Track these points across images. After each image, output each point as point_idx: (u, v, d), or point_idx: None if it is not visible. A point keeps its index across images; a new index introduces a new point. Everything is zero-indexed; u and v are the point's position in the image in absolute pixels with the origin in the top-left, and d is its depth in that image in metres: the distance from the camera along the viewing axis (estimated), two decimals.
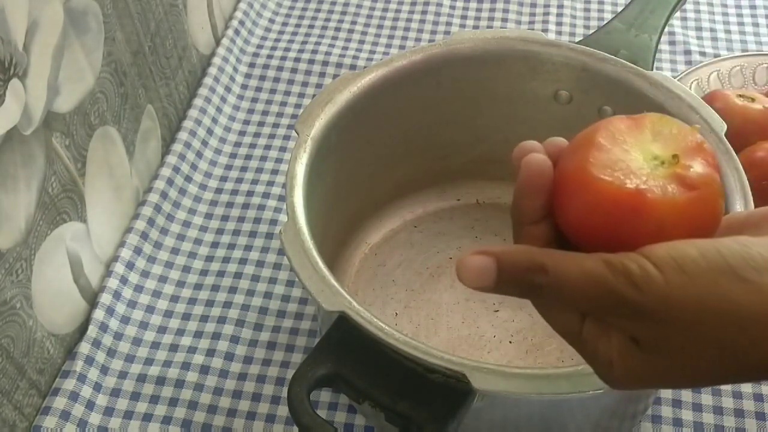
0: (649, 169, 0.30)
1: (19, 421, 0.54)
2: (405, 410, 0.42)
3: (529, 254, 0.30)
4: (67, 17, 0.54)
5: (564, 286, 0.29)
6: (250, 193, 0.71)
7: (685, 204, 0.29)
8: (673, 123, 0.31)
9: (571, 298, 0.29)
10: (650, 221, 0.29)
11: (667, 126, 0.31)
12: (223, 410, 0.57)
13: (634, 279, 0.27)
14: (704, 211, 0.30)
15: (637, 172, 0.29)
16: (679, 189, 0.29)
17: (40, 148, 0.52)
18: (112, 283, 0.62)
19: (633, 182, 0.29)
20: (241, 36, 0.82)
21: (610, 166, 0.30)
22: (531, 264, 0.30)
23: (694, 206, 0.29)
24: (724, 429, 0.56)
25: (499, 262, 0.30)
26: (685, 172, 0.30)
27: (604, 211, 0.29)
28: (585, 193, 0.30)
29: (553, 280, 0.29)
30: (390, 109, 0.59)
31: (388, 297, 0.63)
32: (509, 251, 0.30)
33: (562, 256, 0.29)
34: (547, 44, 0.59)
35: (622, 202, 0.29)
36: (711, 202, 0.30)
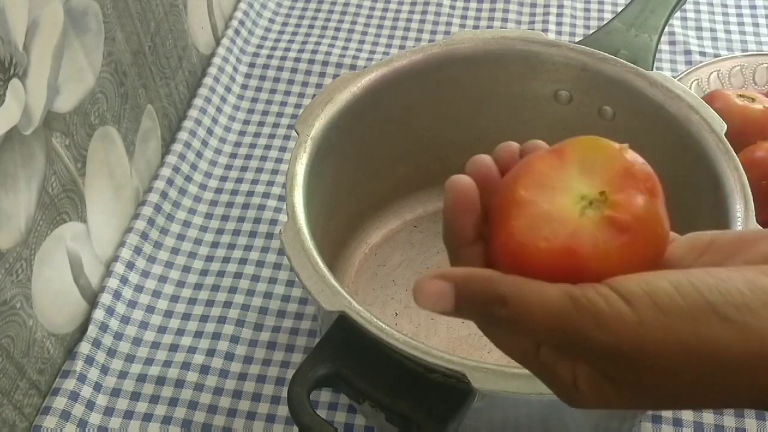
0: (577, 216, 0.28)
1: (19, 421, 0.54)
2: (405, 410, 0.42)
3: (490, 283, 0.28)
4: (67, 17, 0.54)
5: (524, 321, 0.27)
6: (250, 193, 0.71)
7: (619, 250, 0.27)
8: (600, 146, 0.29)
9: (532, 333, 0.28)
10: (589, 277, 0.27)
11: (593, 152, 0.29)
12: (223, 410, 0.57)
13: (602, 318, 0.25)
14: (642, 250, 0.28)
15: (565, 223, 0.28)
16: (610, 235, 0.27)
17: (40, 148, 0.52)
18: (112, 283, 0.62)
19: (560, 240, 0.27)
20: (241, 36, 0.82)
21: (534, 225, 0.28)
22: (491, 295, 0.28)
23: (630, 249, 0.28)
24: (724, 429, 0.56)
25: (457, 289, 0.28)
26: (614, 212, 0.28)
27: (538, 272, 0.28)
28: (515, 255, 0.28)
29: (512, 314, 0.27)
30: (390, 109, 0.59)
31: (388, 297, 0.63)
32: (469, 277, 0.29)
33: (523, 287, 0.27)
34: (547, 44, 0.59)
35: (554, 264, 0.28)
36: (647, 239, 0.28)
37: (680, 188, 0.55)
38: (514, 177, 0.30)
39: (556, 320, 0.26)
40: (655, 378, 0.26)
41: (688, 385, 0.26)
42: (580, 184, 0.28)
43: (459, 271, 0.29)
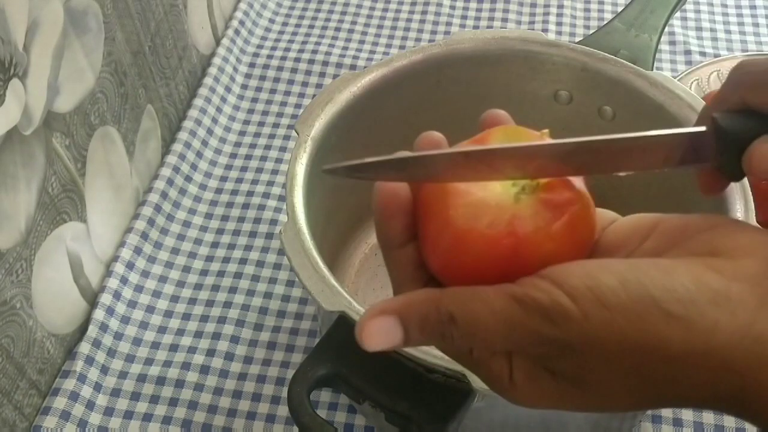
0: (512, 201, 0.28)
1: (19, 421, 0.54)
2: (405, 410, 0.42)
3: (432, 303, 0.27)
4: (67, 17, 0.54)
5: (476, 333, 0.27)
6: (250, 193, 0.71)
7: (559, 232, 0.27)
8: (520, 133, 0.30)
9: (485, 344, 0.27)
10: (530, 260, 0.27)
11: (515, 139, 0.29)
12: (223, 410, 0.57)
13: (548, 314, 0.25)
14: (580, 229, 0.28)
15: (502, 209, 0.28)
16: (549, 216, 0.28)
17: (40, 148, 0.52)
18: (112, 283, 0.62)
19: (501, 224, 0.27)
20: (241, 36, 0.82)
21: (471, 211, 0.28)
22: (437, 315, 0.27)
23: (569, 230, 0.28)
24: (724, 429, 0.56)
25: (402, 320, 0.28)
26: (549, 195, 0.28)
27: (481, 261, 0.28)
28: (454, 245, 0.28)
29: (463, 330, 0.27)
30: (390, 109, 0.59)
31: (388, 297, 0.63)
32: (410, 303, 0.28)
33: (467, 298, 0.27)
34: (547, 44, 0.59)
35: (495, 252, 0.27)
36: (583, 217, 0.28)
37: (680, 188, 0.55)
38: None
39: (506, 324, 0.26)
40: (600, 373, 0.26)
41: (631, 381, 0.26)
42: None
43: (396, 301, 0.28)
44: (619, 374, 0.26)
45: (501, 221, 0.28)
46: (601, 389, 0.26)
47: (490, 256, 0.28)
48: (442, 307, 0.27)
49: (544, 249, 0.27)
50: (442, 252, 0.29)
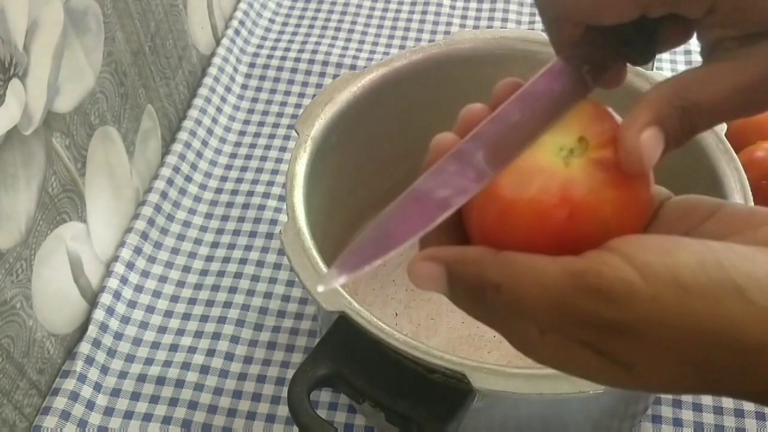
0: (563, 166, 0.26)
1: (19, 421, 0.54)
2: (405, 410, 0.42)
3: (481, 267, 0.26)
4: (67, 17, 0.54)
5: (521, 307, 0.25)
6: (250, 193, 0.71)
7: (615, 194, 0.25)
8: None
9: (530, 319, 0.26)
10: (589, 225, 0.25)
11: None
12: (223, 410, 0.57)
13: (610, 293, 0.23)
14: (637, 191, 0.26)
15: (552, 174, 0.26)
16: (603, 177, 0.25)
17: (40, 148, 0.52)
18: (112, 283, 0.62)
19: (554, 189, 0.25)
20: (241, 36, 0.82)
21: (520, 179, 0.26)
22: (482, 280, 0.26)
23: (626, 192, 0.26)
24: (724, 429, 0.56)
25: (449, 273, 0.26)
26: (601, 154, 0.26)
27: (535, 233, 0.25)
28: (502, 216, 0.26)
29: (507, 300, 0.25)
30: (390, 109, 0.59)
31: (388, 297, 0.63)
32: (462, 259, 0.26)
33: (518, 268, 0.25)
34: (547, 44, 0.58)
35: (552, 217, 0.25)
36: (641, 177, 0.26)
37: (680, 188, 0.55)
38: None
39: (557, 307, 0.24)
40: (656, 357, 0.24)
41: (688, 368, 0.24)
42: (554, 136, 0.27)
43: (448, 252, 0.27)
44: (678, 360, 0.24)
45: (552, 186, 0.25)
46: (652, 373, 0.25)
47: (543, 226, 0.25)
48: (489, 272, 0.25)
49: (603, 213, 0.25)
50: (489, 225, 0.27)
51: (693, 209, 0.28)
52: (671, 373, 0.25)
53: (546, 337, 0.26)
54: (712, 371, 0.24)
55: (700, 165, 0.52)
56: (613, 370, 0.25)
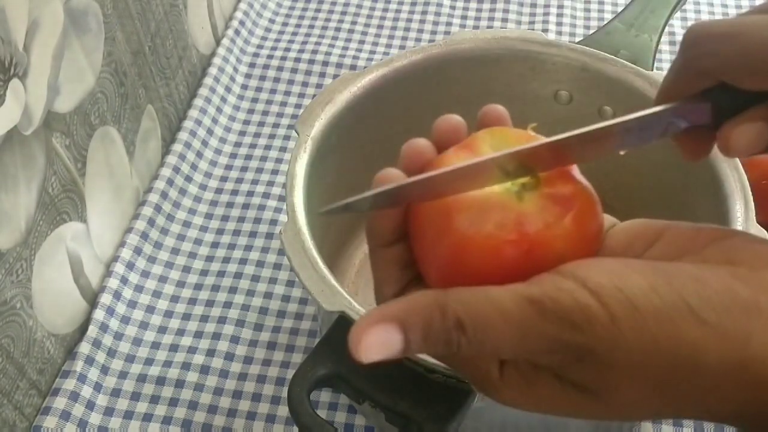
0: (516, 201, 0.26)
1: (20, 421, 0.54)
2: (405, 410, 0.42)
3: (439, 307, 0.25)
4: (68, 17, 0.54)
5: (485, 341, 0.24)
6: (250, 193, 0.71)
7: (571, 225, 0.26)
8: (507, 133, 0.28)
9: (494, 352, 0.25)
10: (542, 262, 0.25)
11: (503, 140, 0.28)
12: (224, 410, 0.57)
13: (570, 317, 0.23)
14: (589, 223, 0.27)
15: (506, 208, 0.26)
16: (557, 212, 0.26)
17: (40, 148, 0.52)
18: (113, 283, 0.62)
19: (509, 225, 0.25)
20: (241, 36, 0.82)
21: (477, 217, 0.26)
22: (443, 321, 0.25)
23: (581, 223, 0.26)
24: (724, 429, 0.56)
25: (403, 327, 0.25)
26: (552, 189, 0.26)
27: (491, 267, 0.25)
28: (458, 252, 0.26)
29: (472, 338, 0.24)
30: (390, 109, 0.59)
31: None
32: (412, 307, 0.25)
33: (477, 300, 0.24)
34: (547, 44, 0.59)
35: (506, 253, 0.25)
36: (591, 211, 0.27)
37: (680, 189, 0.55)
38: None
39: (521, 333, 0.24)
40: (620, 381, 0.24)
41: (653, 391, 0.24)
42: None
43: (396, 306, 0.26)
44: (642, 384, 0.24)
45: (508, 221, 0.25)
46: (617, 398, 0.25)
47: (500, 261, 0.25)
48: (449, 311, 0.25)
49: (556, 247, 0.25)
50: (443, 260, 0.27)
51: (638, 235, 0.28)
52: (636, 398, 0.25)
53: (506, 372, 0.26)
54: (674, 393, 0.24)
55: (700, 165, 0.52)
56: (578, 398, 0.25)
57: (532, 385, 0.26)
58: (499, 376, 0.26)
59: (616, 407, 0.25)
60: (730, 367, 0.23)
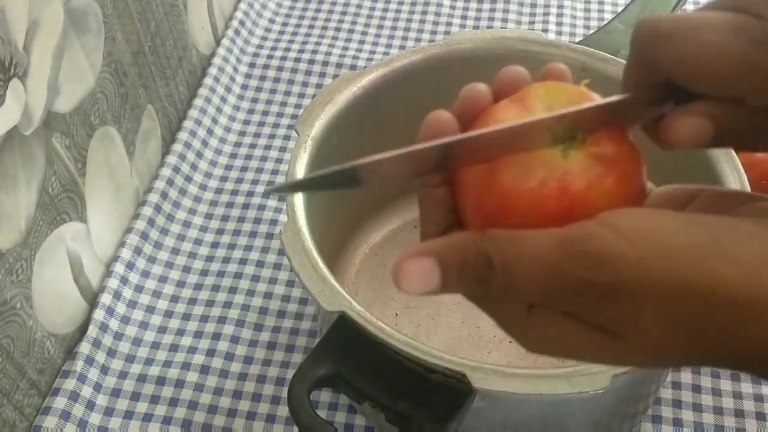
0: (561, 158, 0.26)
1: (20, 421, 0.54)
2: (405, 410, 0.42)
3: (472, 244, 0.26)
4: (68, 17, 0.54)
5: (512, 281, 0.25)
6: (250, 194, 0.71)
7: (613, 186, 0.26)
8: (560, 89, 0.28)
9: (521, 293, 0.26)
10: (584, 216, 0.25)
11: (556, 95, 0.28)
12: (224, 410, 0.57)
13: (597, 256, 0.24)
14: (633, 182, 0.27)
15: (552, 166, 0.26)
16: (601, 171, 0.26)
17: (40, 149, 0.52)
18: (113, 283, 0.62)
19: (553, 181, 0.26)
20: (241, 36, 0.82)
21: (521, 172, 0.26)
22: (476, 258, 0.26)
23: (623, 183, 0.26)
24: (724, 429, 0.56)
25: (441, 262, 0.26)
26: (598, 149, 0.27)
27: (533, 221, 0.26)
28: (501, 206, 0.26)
29: (501, 276, 0.25)
30: (390, 109, 0.59)
31: (388, 297, 0.63)
32: (450, 245, 0.27)
33: (508, 241, 0.25)
34: (547, 44, 0.59)
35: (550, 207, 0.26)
36: (635, 172, 0.27)
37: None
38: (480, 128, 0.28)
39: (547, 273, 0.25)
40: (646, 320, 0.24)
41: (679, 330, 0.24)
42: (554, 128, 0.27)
43: (435, 243, 0.27)
44: (669, 322, 0.24)
45: (551, 179, 0.26)
46: (644, 341, 0.25)
47: (541, 217, 0.26)
48: (480, 249, 0.26)
49: (598, 206, 0.26)
50: (487, 214, 0.27)
51: (675, 196, 0.29)
52: (661, 340, 0.25)
53: (533, 314, 0.26)
54: (700, 333, 0.24)
55: (700, 165, 0.52)
56: (603, 341, 0.26)
57: (559, 327, 0.26)
58: (526, 319, 0.27)
59: (643, 350, 0.25)
60: (761, 304, 0.23)
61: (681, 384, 0.58)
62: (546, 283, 0.25)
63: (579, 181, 0.26)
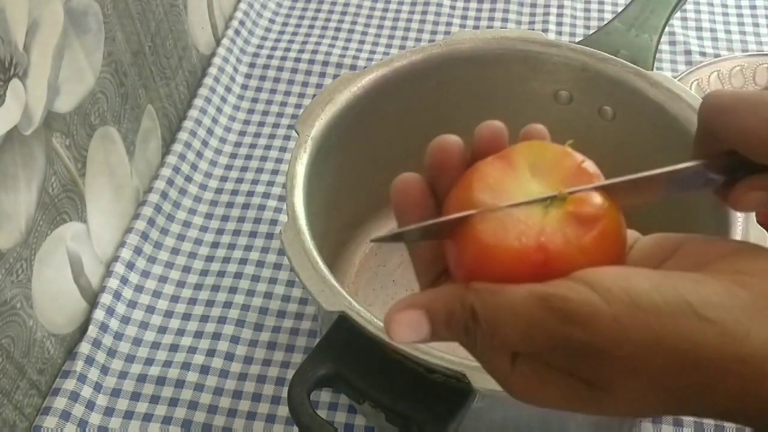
0: (540, 216, 0.27)
1: (20, 421, 0.54)
2: (405, 410, 0.42)
3: (459, 298, 0.28)
4: (68, 17, 0.54)
5: (496, 332, 0.27)
6: (250, 194, 0.71)
7: (591, 244, 0.27)
8: (545, 148, 0.29)
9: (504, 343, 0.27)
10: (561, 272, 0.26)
11: (540, 154, 0.29)
12: (224, 410, 0.57)
13: (575, 314, 0.25)
14: (611, 241, 0.28)
15: (531, 223, 0.27)
16: (579, 230, 0.27)
17: (40, 149, 0.52)
18: (113, 283, 0.62)
19: (530, 238, 0.27)
20: (241, 36, 0.82)
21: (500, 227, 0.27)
22: (462, 310, 0.27)
23: (601, 243, 0.27)
24: (724, 429, 0.56)
25: (429, 314, 0.28)
26: (578, 208, 0.27)
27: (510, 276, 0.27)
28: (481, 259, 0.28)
29: (485, 326, 0.27)
30: (390, 109, 0.59)
31: (388, 297, 0.63)
32: (437, 297, 0.28)
33: (490, 295, 0.27)
34: (547, 44, 0.59)
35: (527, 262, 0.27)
36: (614, 231, 0.28)
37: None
38: (465, 184, 0.29)
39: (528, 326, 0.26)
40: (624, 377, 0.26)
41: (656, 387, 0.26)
42: (535, 186, 0.28)
43: (423, 296, 0.29)
44: (643, 379, 0.25)
45: (530, 235, 0.27)
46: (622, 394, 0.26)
47: (519, 272, 0.27)
48: (466, 301, 0.27)
49: (575, 263, 0.27)
50: (468, 266, 0.28)
51: (656, 249, 0.30)
52: (636, 394, 0.26)
53: (517, 363, 0.28)
54: (675, 389, 0.25)
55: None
56: (583, 391, 0.27)
57: (542, 379, 0.27)
58: (510, 369, 0.28)
59: (622, 402, 0.26)
60: (730, 361, 0.24)
61: None
62: (526, 334, 0.26)
63: (556, 238, 0.27)
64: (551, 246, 0.27)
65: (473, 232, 0.28)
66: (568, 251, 0.27)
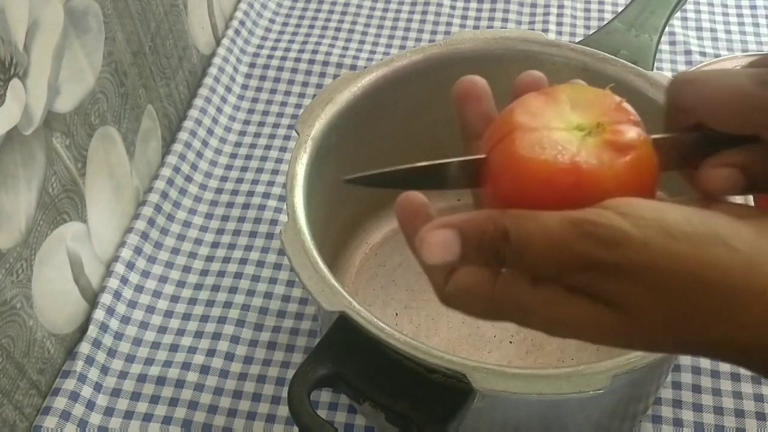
0: (577, 141, 0.29)
1: (20, 421, 0.54)
2: (405, 410, 0.42)
3: (491, 219, 0.28)
4: (68, 17, 0.54)
5: (525, 253, 0.27)
6: (250, 193, 0.71)
7: (623, 169, 0.28)
8: (587, 89, 0.31)
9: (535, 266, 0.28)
10: (592, 193, 0.28)
11: (582, 93, 0.31)
12: (224, 410, 0.57)
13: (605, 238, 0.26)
14: (643, 172, 0.29)
15: (566, 145, 0.29)
16: (613, 155, 0.28)
17: (40, 148, 0.52)
18: (113, 283, 0.62)
19: (566, 157, 0.28)
20: (241, 36, 0.82)
21: (537, 144, 0.29)
22: (494, 231, 0.28)
23: (633, 169, 0.29)
24: (724, 429, 0.56)
25: (461, 234, 0.28)
26: (614, 137, 0.29)
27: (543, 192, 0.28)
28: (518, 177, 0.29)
29: (515, 246, 0.27)
30: (390, 110, 0.59)
31: (388, 297, 0.63)
32: (469, 219, 0.29)
33: (524, 219, 0.28)
34: (548, 44, 0.59)
35: (560, 179, 0.28)
36: (647, 161, 0.29)
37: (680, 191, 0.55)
38: (507, 111, 0.31)
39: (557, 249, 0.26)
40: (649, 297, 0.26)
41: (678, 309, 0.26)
42: (575, 118, 0.30)
43: (457, 216, 0.29)
44: (667, 302, 0.26)
45: (565, 154, 0.28)
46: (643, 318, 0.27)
47: (551, 188, 0.28)
48: (499, 223, 0.28)
49: (606, 186, 0.28)
50: (504, 180, 0.29)
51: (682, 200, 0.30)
52: (658, 319, 0.27)
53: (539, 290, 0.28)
54: (698, 317, 0.26)
55: None
56: (603, 316, 0.27)
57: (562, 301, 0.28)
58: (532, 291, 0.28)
59: (640, 328, 0.27)
60: (755, 293, 0.25)
61: (681, 384, 0.58)
62: (557, 257, 0.27)
63: (590, 160, 0.28)
64: (585, 166, 0.28)
65: (512, 146, 0.29)
66: (600, 173, 0.28)
